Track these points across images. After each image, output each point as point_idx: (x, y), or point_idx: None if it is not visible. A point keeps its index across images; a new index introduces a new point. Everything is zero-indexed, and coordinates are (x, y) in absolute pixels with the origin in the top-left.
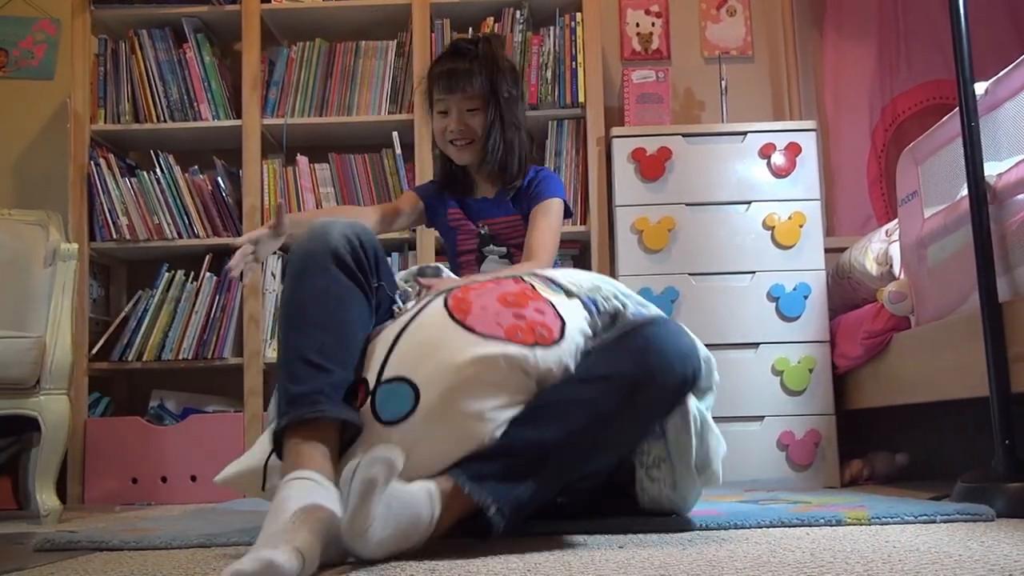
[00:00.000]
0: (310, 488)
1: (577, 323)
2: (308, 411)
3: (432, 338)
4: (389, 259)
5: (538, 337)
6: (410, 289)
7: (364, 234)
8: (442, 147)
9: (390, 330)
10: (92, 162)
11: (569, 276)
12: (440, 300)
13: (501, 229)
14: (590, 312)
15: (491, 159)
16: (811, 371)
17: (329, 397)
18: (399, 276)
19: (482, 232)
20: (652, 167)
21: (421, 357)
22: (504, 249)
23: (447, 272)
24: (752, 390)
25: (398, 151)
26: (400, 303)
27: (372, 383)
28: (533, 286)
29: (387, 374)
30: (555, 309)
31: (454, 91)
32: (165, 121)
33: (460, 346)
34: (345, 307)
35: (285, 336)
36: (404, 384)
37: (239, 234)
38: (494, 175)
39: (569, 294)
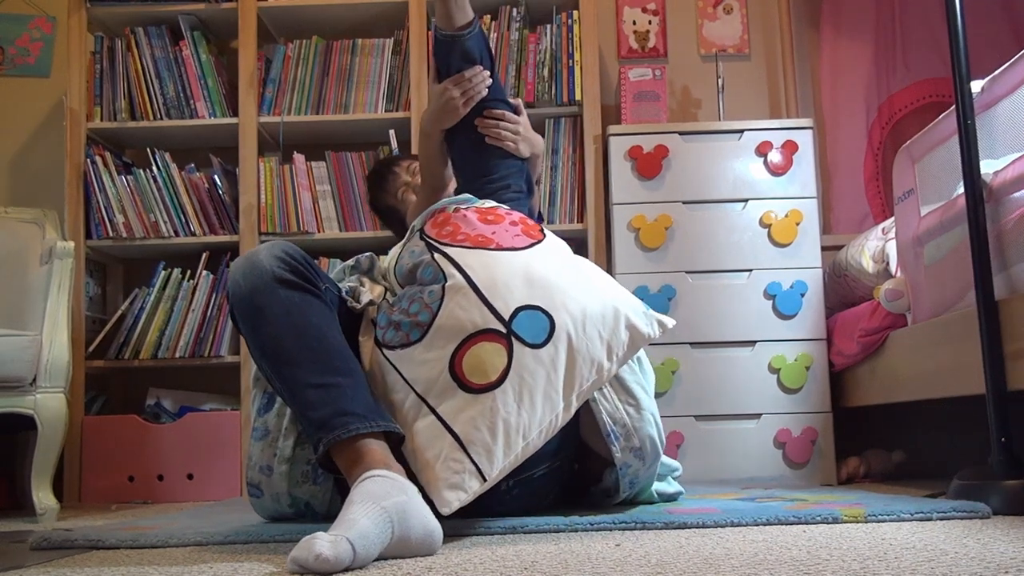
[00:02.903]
0: (379, 483)
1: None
2: (343, 432)
3: (503, 273)
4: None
5: (533, 226)
6: (357, 285)
7: (289, 247)
8: (407, 206)
9: (460, 292)
10: (88, 160)
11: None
12: (452, 248)
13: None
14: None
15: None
16: (808, 369)
17: (355, 414)
18: (334, 273)
19: None
20: (649, 165)
21: (517, 288)
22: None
23: (380, 264)
24: (749, 388)
25: (395, 149)
26: (350, 299)
27: (501, 327)
28: (463, 207)
29: (506, 312)
30: (501, 208)
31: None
32: (161, 119)
33: (525, 263)
34: (313, 318)
35: (278, 376)
36: (530, 311)
37: (236, 232)
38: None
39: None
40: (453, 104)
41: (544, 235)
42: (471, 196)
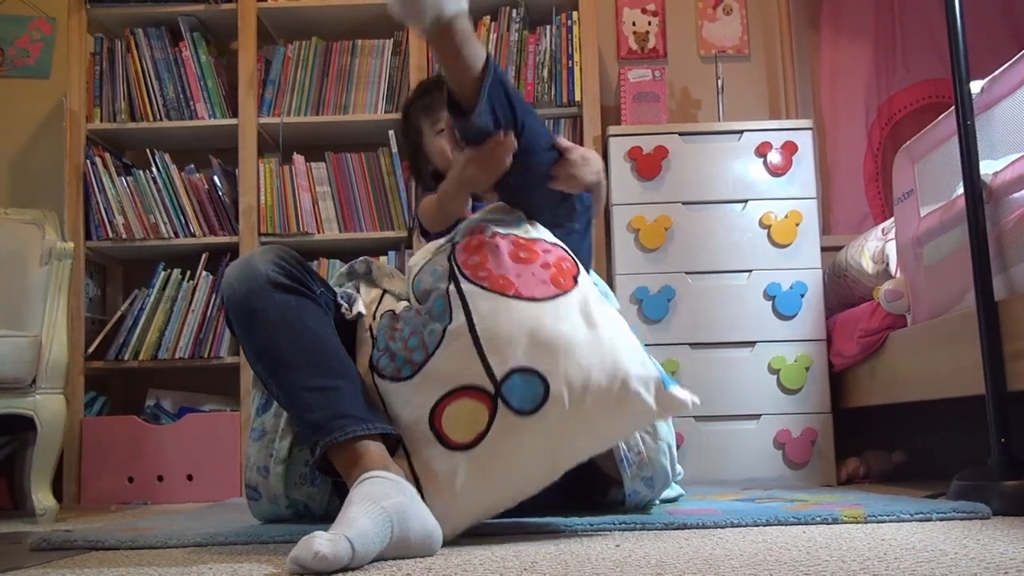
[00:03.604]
0: (378, 483)
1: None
2: (340, 435)
3: (510, 326)
4: (385, 257)
5: (568, 270)
6: (352, 292)
7: (283, 251)
8: (445, 165)
9: (459, 340)
10: (88, 161)
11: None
12: (469, 286)
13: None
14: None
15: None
16: (807, 369)
17: (352, 416)
18: (333, 281)
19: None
20: (648, 166)
21: (519, 346)
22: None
23: (377, 268)
24: (748, 388)
25: (394, 150)
26: (346, 304)
27: (490, 387)
28: (502, 233)
29: (500, 371)
30: (544, 239)
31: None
32: (161, 120)
33: (537, 318)
34: (308, 321)
35: (274, 379)
36: (526, 374)
37: (235, 233)
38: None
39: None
40: (477, 180)
41: (575, 283)
42: (522, 217)
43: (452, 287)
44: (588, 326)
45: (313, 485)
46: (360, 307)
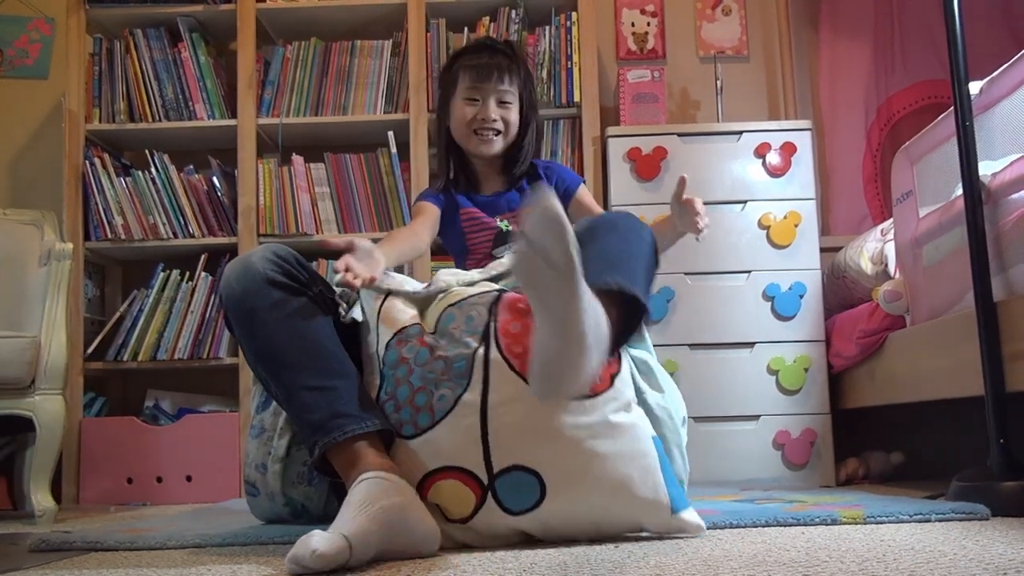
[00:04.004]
0: (377, 483)
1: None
2: (338, 435)
3: (523, 418)
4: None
5: (608, 367)
6: (351, 293)
7: (281, 250)
8: (462, 136)
9: (467, 419)
10: (87, 161)
11: None
12: (498, 357)
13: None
14: None
15: (520, 155)
16: (807, 370)
17: (350, 415)
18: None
19: (503, 226)
20: (648, 167)
21: (525, 442)
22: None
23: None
24: (748, 389)
25: (393, 151)
26: (344, 305)
27: (484, 476)
28: None
29: (499, 464)
30: None
31: (490, 81)
32: (160, 120)
33: (555, 417)
34: (306, 320)
35: (275, 379)
36: (525, 474)
37: (234, 234)
38: (499, 169)
39: None
40: None
41: (611, 384)
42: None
43: (482, 350)
44: (607, 435)
45: (310, 485)
46: (357, 314)
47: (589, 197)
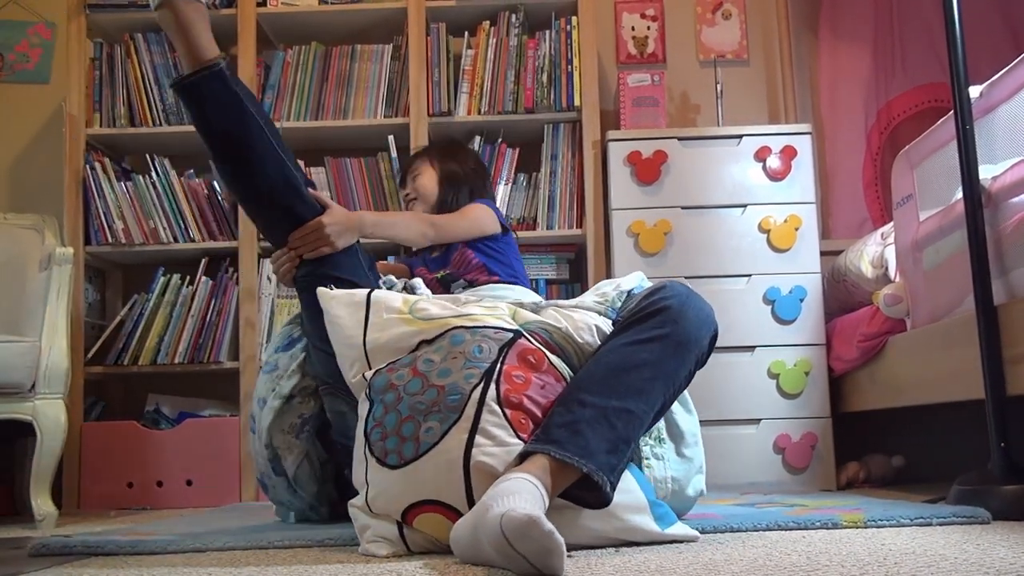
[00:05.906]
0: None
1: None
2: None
3: (501, 464)
4: (383, 262)
5: None
6: (395, 281)
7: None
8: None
9: (449, 455)
10: (88, 166)
11: (583, 307)
12: (494, 403)
13: (455, 267)
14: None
15: (454, 206)
16: (807, 374)
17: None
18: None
19: (440, 276)
20: (648, 170)
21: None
22: (463, 281)
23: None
24: (748, 393)
25: (393, 155)
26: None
27: (465, 511)
28: (560, 370)
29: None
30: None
31: (405, 170)
32: (161, 125)
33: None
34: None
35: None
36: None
37: (235, 238)
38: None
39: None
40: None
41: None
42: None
43: (480, 389)
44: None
45: (297, 438)
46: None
47: (470, 210)
